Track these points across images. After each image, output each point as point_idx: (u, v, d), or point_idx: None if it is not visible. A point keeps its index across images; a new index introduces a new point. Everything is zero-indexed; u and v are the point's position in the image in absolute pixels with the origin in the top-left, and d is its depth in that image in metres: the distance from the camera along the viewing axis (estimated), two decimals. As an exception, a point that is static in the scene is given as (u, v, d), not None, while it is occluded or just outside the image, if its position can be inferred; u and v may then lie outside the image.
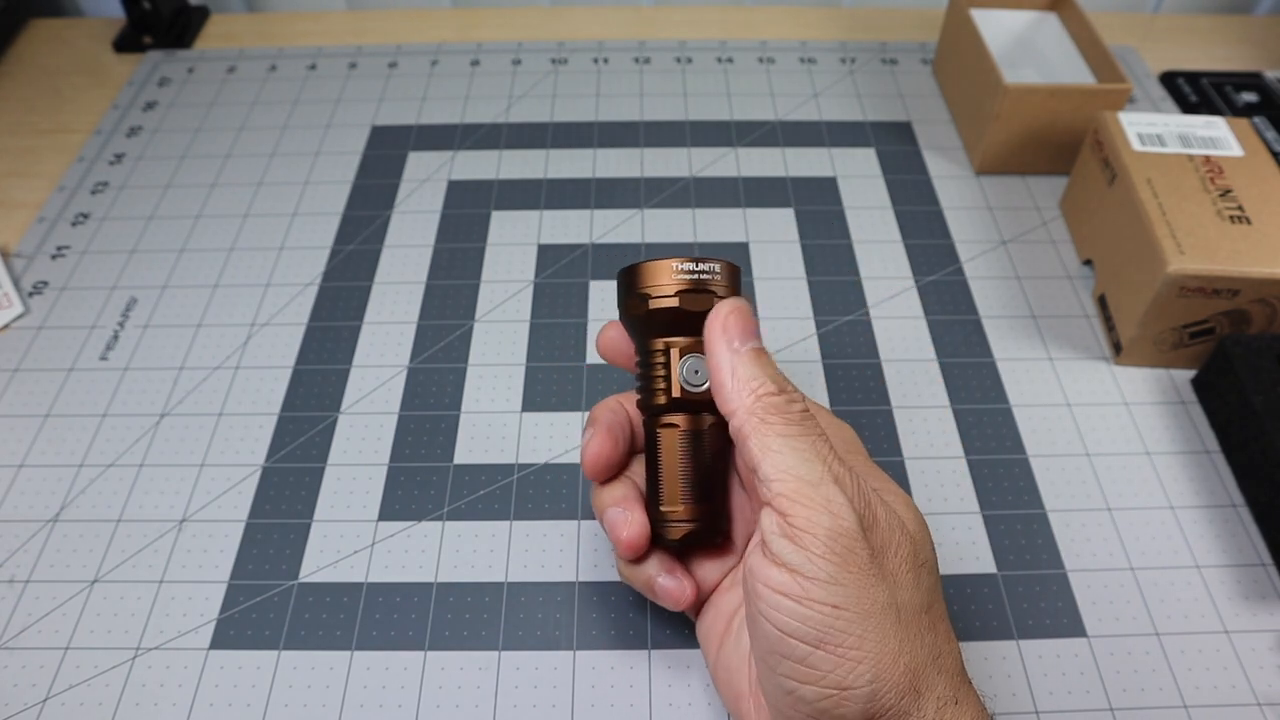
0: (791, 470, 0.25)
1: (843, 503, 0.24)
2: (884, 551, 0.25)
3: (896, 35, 0.64)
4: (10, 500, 0.38)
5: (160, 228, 0.50)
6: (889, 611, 0.24)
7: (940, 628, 0.26)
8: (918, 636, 0.25)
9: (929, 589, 0.26)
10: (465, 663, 0.33)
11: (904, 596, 0.25)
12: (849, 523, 0.24)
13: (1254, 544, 0.37)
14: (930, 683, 0.24)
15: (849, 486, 0.25)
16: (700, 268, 0.29)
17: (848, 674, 0.24)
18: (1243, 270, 0.38)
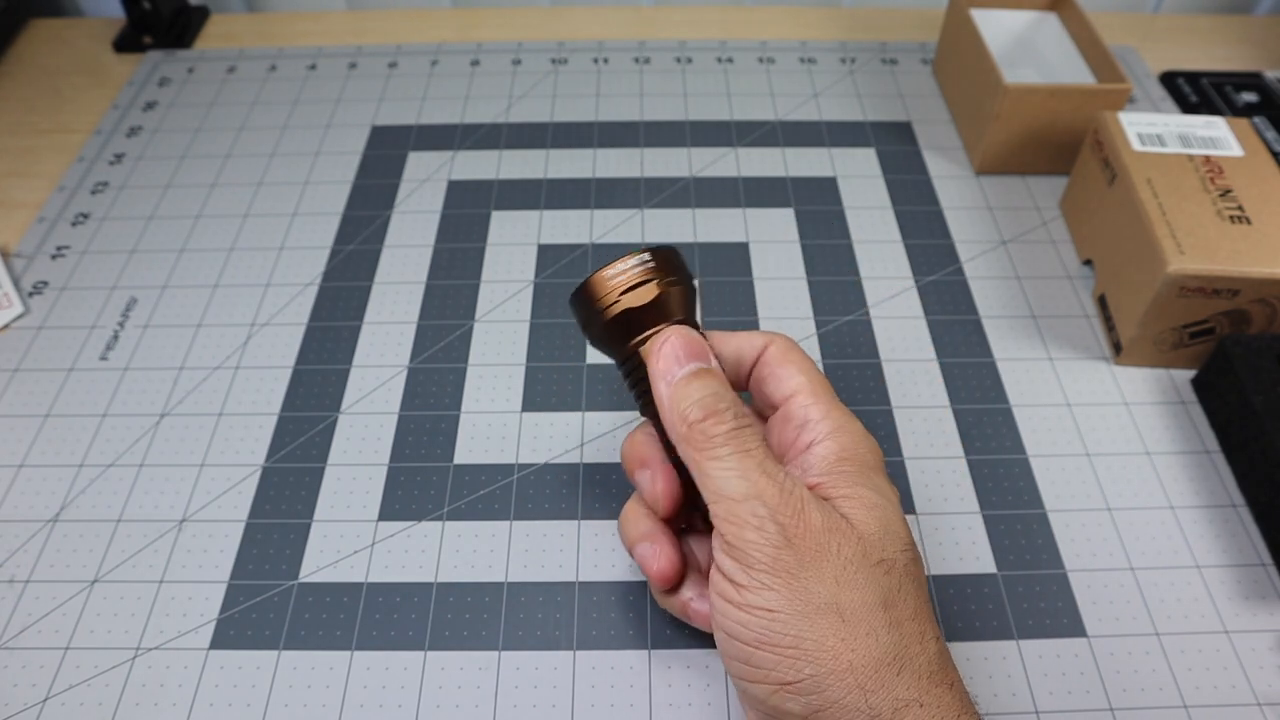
0: (721, 491, 0.27)
1: (764, 516, 0.26)
2: (817, 555, 0.25)
3: (896, 35, 0.64)
4: (10, 500, 0.38)
5: (160, 228, 0.50)
6: (827, 612, 0.25)
7: (907, 626, 0.26)
8: (868, 635, 0.25)
9: (886, 588, 0.26)
10: (465, 663, 0.33)
11: (847, 596, 0.25)
12: (771, 534, 0.26)
13: (1254, 544, 0.37)
14: (882, 680, 0.24)
15: (772, 498, 0.26)
16: (631, 264, 0.29)
17: (787, 671, 0.25)
18: (1243, 270, 0.38)
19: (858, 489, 0.28)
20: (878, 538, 0.26)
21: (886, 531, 0.27)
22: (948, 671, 0.26)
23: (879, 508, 0.27)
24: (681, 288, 0.30)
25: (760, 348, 0.31)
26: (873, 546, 0.26)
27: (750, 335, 0.32)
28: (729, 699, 0.32)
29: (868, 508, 0.27)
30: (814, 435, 0.29)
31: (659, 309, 0.29)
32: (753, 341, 0.32)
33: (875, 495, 0.28)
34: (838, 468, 0.28)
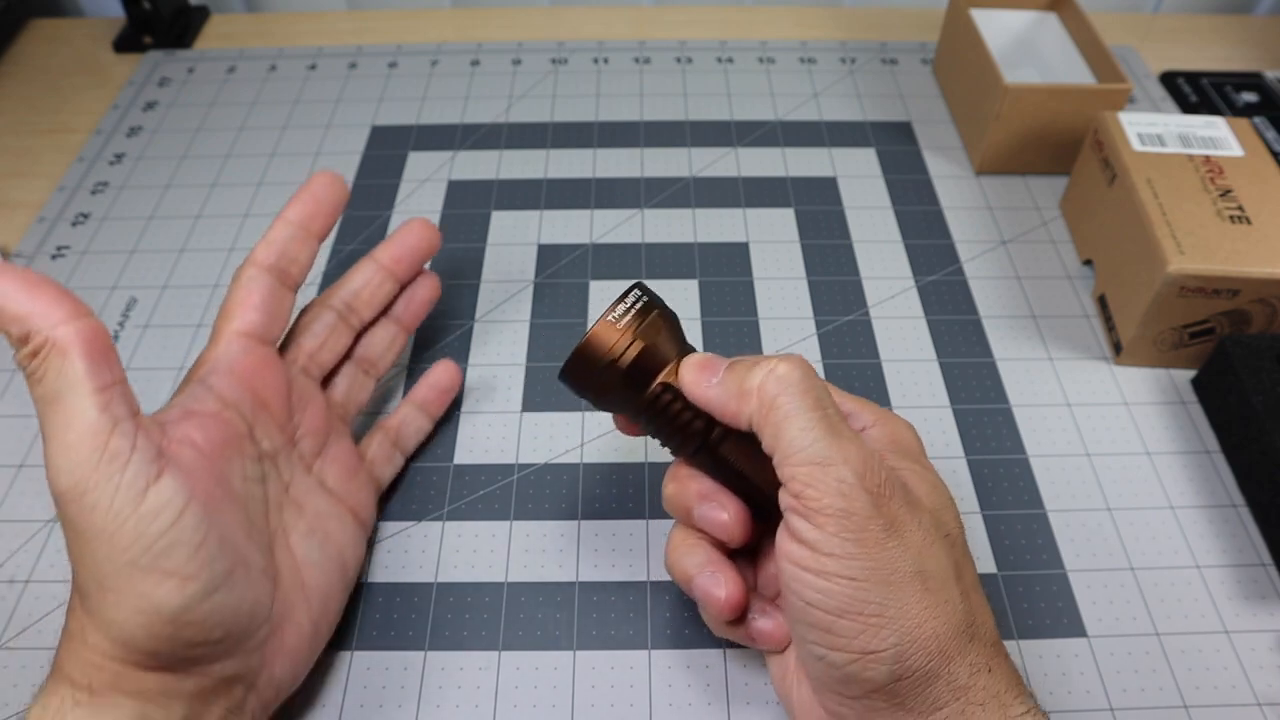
0: (803, 452, 0.25)
1: (852, 483, 0.25)
2: (903, 524, 0.25)
3: (896, 35, 0.64)
4: (10, 500, 0.38)
5: (160, 228, 0.50)
6: (913, 580, 0.25)
7: (974, 597, 0.26)
8: (947, 603, 0.25)
9: (956, 559, 0.26)
10: (465, 663, 0.33)
11: (929, 564, 0.25)
12: (859, 502, 0.25)
13: (1254, 544, 0.37)
14: (961, 648, 0.25)
15: (858, 462, 0.25)
16: (626, 304, 0.29)
17: (872, 639, 0.25)
18: (1243, 270, 0.38)
19: (916, 467, 0.28)
20: (940, 511, 0.27)
21: (945, 507, 0.28)
22: (1001, 643, 0.27)
23: (937, 487, 0.28)
24: (672, 316, 0.30)
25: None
26: (941, 520, 0.27)
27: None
28: (729, 699, 0.32)
29: (930, 485, 0.28)
30: (861, 423, 0.30)
31: (669, 341, 0.29)
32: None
33: (932, 476, 0.28)
34: (891, 449, 0.29)
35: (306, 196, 0.35)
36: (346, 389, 0.37)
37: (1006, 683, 0.25)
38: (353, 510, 0.34)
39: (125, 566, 0.25)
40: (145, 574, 0.25)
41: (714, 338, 0.44)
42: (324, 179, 0.35)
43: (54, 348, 0.25)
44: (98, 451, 0.25)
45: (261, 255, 0.33)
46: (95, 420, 0.25)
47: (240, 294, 0.32)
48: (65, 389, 0.25)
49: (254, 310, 0.32)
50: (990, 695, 0.25)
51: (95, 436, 0.25)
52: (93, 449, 0.25)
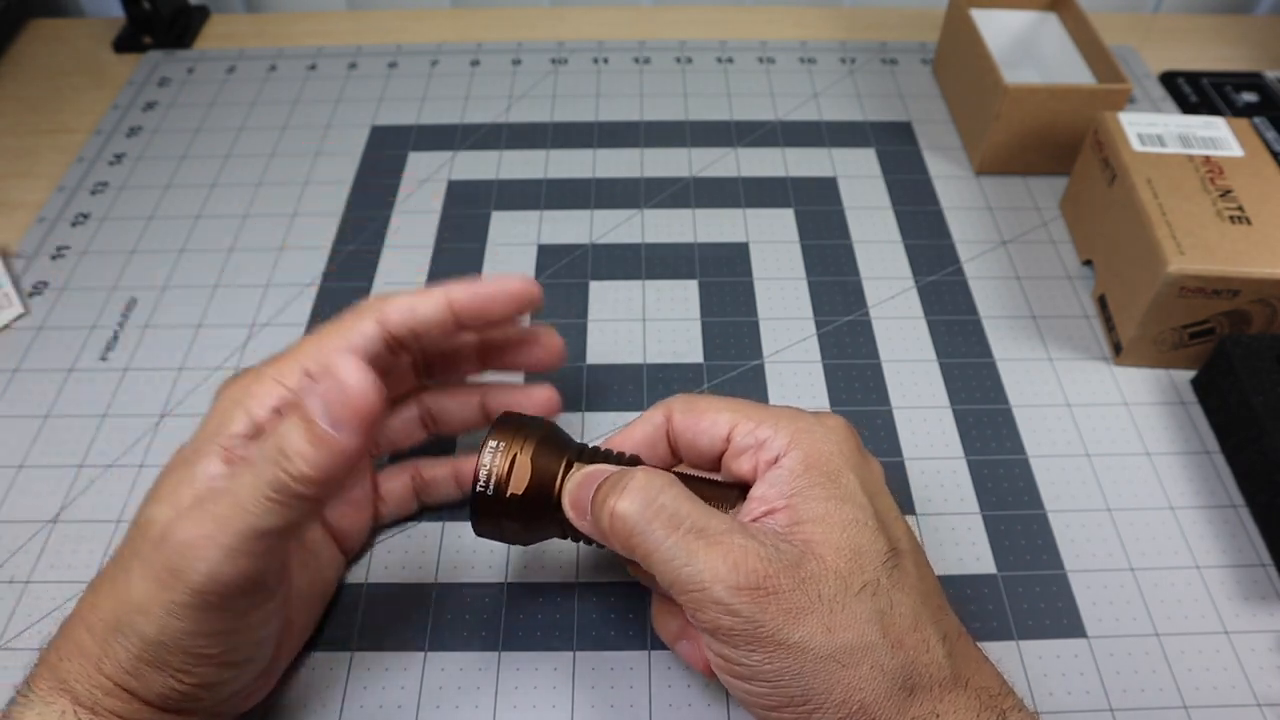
0: (675, 585, 0.25)
1: (728, 601, 0.24)
2: (799, 613, 0.24)
3: (896, 35, 0.64)
4: (10, 500, 0.38)
5: (160, 228, 0.50)
6: (827, 664, 0.24)
7: (908, 641, 0.25)
8: (872, 669, 0.25)
9: (877, 610, 0.25)
10: (465, 663, 0.33)
11: (838, 640, 0.24)
12: (744, 615, 0.24)
13: (1254, 544, 0.37)
14: (897, 708, 0.25)
15: (726, 575, 0.24)
16: (491, 447, 0.29)
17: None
18: (1243, 270, 0.38)
19: (826, 505, 0.26)
20: (853, 564, 0.25)
21: (859, 553, 0.26)
22: (961, 670, 0.26)
23: (851, 526, 0.26)
24: (544, 433, 0.30)
25: (661, 423, 0.30)
26: (852, 576, 0.25)
27: (645, 417, 0.31)
28: (729, 699, 0.32)
29: (840, 528, 0.26)
30: (775, 451, 0.28)
31: (543, 469, 0.29)
32: (652, 420, 0.30)
33: (846, 509, 0.26)
34: (804, 480, 0.27)
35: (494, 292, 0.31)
36: (395, 431, 0.35)
37: (963, 715, 0.25)
38: (342, 542, 0.34)
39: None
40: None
41: (714, 338, 0.44)
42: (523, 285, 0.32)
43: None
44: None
45: (394, 318, 0.30)
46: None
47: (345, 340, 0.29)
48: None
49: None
50: None
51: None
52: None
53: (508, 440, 0.29)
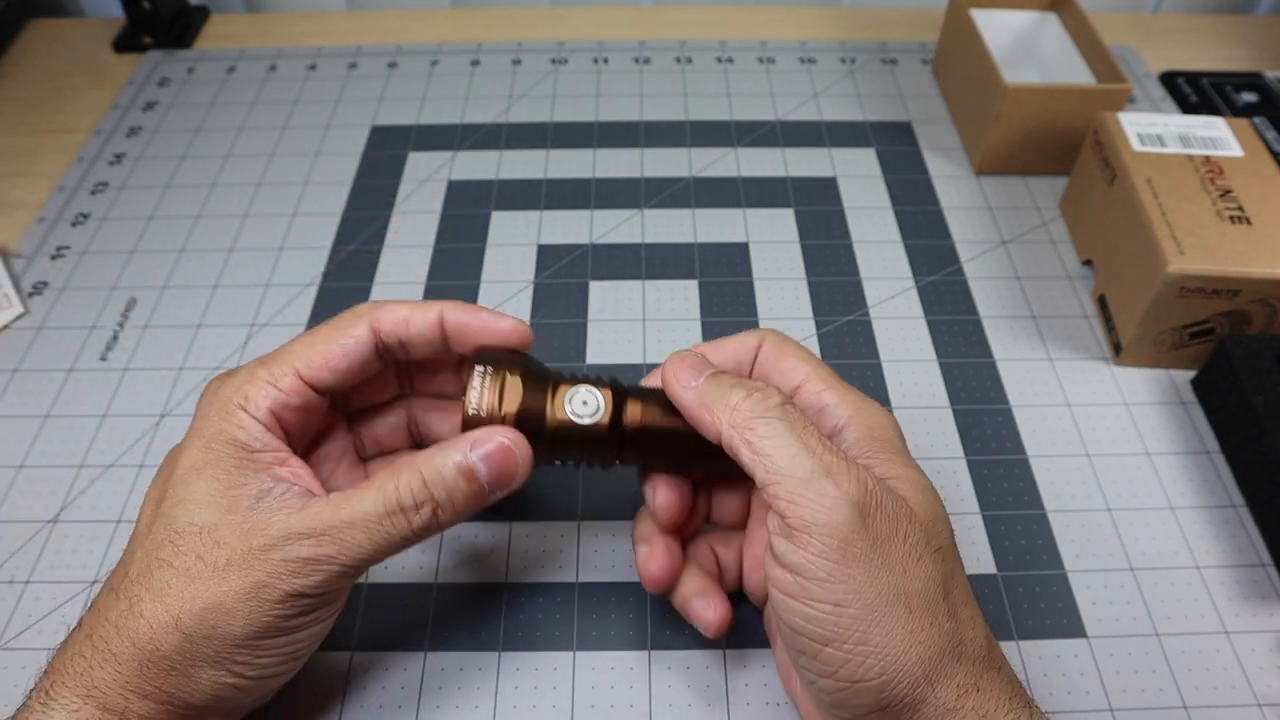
0: (783, 470, 0.25)
1: (836, 495, 0.25)
2: (887, 540, 0.25)
3: (896, 35, 0.64)
4: (10, 500, 0.38)
5: (160, 228, 0.50)
6: (896, 603, 0.24)
7: (961, 613, 0.26)
8: (932, 625, 0.25)
9: (945, 575, 0.26)
10: (465, 663, 0.33)
11: (914, 585, 0.25)
12: (842, 516, 0.24)
13: (1254, 544, 0.37)
14: (947, 670, 0.25)
15: (843, 475, 0.25)
16: (475, 386, 0.29)
17: (857, 668, 0.24)
18: (1243, 270, 0.38)
19: (905, 470, 0.27)
20: (931, 526, 0.26)
21: (936, 519, 0.27)
22: (995, 655, 0.26)
23: (929, 491, 0.27)
24: (526, 362, 0.30)
25: (754, 347, 0.31)
26: (932, 532, 0.26)
27: (740, 338, 0.32)
28: (729, 699, 0.32)
29: (921, 491, 0.27)
30: (837, 419, 0.28)
31: (534, 389, 0.29)
32: (745, 343, 0.31)
33: (923, 478, 0.27)
34: (875, 448, 0.28)
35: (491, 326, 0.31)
36: (382, 438, 0.34)
37: (997, 699, 0.25)
38: None
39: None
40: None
41: (714, 338, 0.44)
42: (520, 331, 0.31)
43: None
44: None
45: (387, 327, 0.30)
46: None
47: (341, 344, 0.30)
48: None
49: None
50: (979, 716, 0.25)
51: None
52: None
53: (494, 366, 0.29)
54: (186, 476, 0.27)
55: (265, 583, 0.26)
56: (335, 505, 0.27)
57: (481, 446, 0.27)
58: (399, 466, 0.27)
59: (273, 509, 0.27)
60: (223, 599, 0.26)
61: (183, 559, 0.26)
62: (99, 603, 0.27)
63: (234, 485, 0.27)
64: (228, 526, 0.26)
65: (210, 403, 0.29)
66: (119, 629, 0.26)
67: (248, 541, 0.26)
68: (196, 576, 0.26)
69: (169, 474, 0.28)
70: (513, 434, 0.28)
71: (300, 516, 0.27)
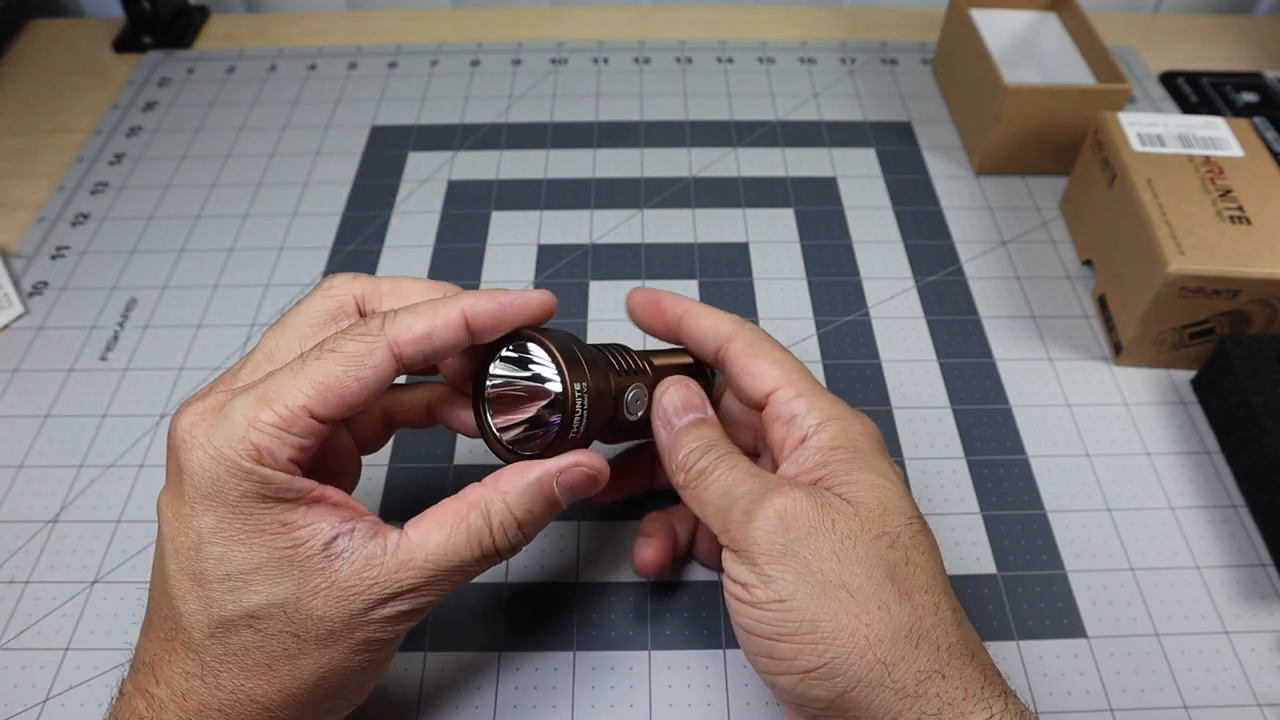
0: (718, 509, 0.28)
1: (755, 511, 0.27)
2: (812, 534, 0.26)
3: (896, 35, 0.64)
4: (10, 500, 0.38)
5: (160, 228, 0.50)
6: (834, 590, 0.25)
7: (919, 599, 0.26)
8: (879, 608, 0.25)
9: (892, 561, 0.26)
10: (465, 663, 0.33)
11: (851, 571, 0.25)
12: (764, 522, 0.26)
13: (1254, 544, 0.37)
14: (901, 653, 0.25)
15: (759, 493, 0.27)
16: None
17: (809, 658, 0.25)
18: (1243, 270, 0.38)
19: (855, 473, 0.28)
20: (876, 513, 0.27)
21: (886, 507, 0.27)
22: (968, 644, 0.26)
23: (877, 487, 0.27)
24: (585, 352, 0.29)
25: (725, 338, 0.31)
26: (871, 520, 0.26)
27: (718, 320, 0.32)
28: (729, 699, 0.32)
29: (866, 488, 0.27)
30: (805, 429, 0.29)
31: (599, 364, 0.30)
32: (718, 329, 0.31)
33: (874, 477, 0.28)
34: (834, 457, 0.28)
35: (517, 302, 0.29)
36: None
37: (966, 689, 0.25)
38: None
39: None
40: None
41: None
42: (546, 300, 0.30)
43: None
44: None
45: (409, 350, 0.27)
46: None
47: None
48: None
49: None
50: (945, 703, 0.24)
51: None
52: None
53: (577, 385, 0.28)
54: (230, 552, 0.25)
55: (371, 639, 0.26)
56: (426, 550, 0.26)
57: (568, 478, 0.28)
58: (481, 500, 0.27)
59: (354, 562, 0.25)
60: (335, 663, 0.26)
61: (275, 640, 0.25)
62: (176, 685, 0.25)
63: (292, 546, 0.25)
64: (313, 595, 0.25)
65: (211, 458, 0.25)
66: (226, 714, 0.25)
67: (344, 608, 0.25)
68: (300, 654, 0.25)
69: (193, 547, 0.25)
70: (593, 459, 0.29)
71: (393, 571, 0.25)
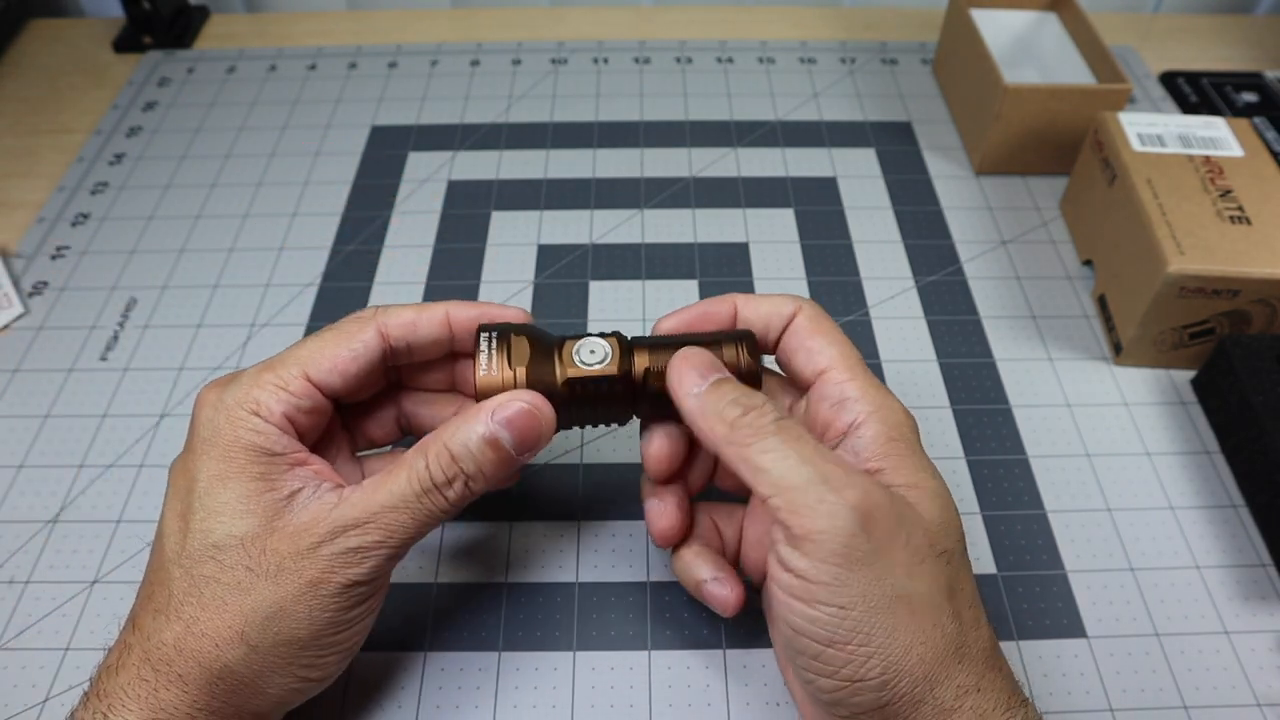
0: (781, 481, 0.25)
1: (835, 502, 0.25)
2: (889, 544, 0.25)
3: (896, 35, 0.64)
4: (10, 500, 0.38)
5: (160, 228, 0.50)
6: (899, 605, 0.25)
7: (966, 615, 0.26)
8: (935, 626, 0.25)
9: (950, 577, 0.26)
10: (465, 663, 0.33)
11: (917, 588, 0.25)
12: (844, 521, 0.24)
13: (1254, 544, 0.37)
14: (948, 671, 0.25)
15: (841, 482, 0.25)
16: (485, 351, 0.29)
17: (859, 669, 0.25)
18: (1243, 270, 0.38)
19: (917, 475, 0.27)
20: (941, 527, 0.26)
21: (948, 521, 0.27)
22: (997, 656, 0.26)
23: (940, 495, 0.27)
24: (526, 325, 0.30)
25: (788, 316, 0.31)
26: (938, 536, 0.26)
27: (777, 301, 0.31)
28: (729, 699, 0.32)
29: (931, 496, 0.27)
30: (855, 415, 0.28)
31: (540, 347, 0.30)
32: (780, 309, 0.31)
33: (935, 481, 0.27)
34: (891, 450, 0.27)
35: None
36: (373, 432, 0.34)
37: (995, 700, 0.25)
38: None
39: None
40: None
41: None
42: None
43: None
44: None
45: (396, 332, 0.30)
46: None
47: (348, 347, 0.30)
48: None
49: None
50: (977, 715, 0.25)
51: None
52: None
53: (499, 331, 0.29)
54: (211, 488, 0.27)
55: (320, 579, 0.26)
56: (371, 492, 0.27)
57: (503, 412, 0.27)
58: (425, 444, 0.27)
59: (309, 507, 0.27)
60: (283, 603, 0.26)
61: (230, 573, 0.26)
62: (144, 625, 0.27)
63: (264, 490, 0.27)
64: (270, 532, 0.26)
65: (216, 411, 0.28)
66: (180, 650, 0.26)
67: (295, 544, 0.26)
68: (250, 588, 0.26)
69: (187, 488, 0.27)
70: (532, 395, 0.28)
71: (341, 509, 0.27)
